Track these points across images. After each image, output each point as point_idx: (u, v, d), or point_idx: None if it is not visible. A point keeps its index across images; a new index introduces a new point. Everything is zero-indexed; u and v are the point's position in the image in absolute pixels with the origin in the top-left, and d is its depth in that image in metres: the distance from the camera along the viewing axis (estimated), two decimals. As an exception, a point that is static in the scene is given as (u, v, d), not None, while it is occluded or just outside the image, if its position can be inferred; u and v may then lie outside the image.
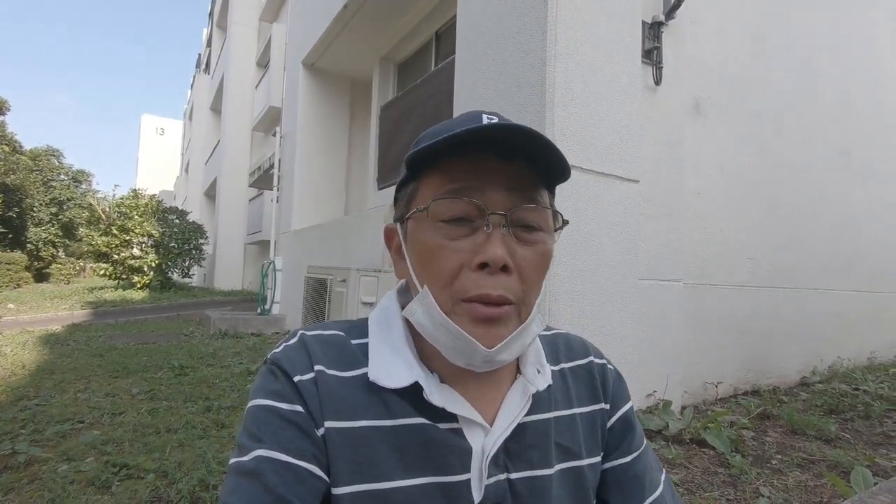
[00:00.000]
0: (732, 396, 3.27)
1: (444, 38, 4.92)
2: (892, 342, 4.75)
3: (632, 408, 0.68)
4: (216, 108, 16.36)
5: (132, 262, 10.97)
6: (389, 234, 0.61)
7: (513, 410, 0.56)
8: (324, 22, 5.71)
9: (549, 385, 0.60)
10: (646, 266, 2.70)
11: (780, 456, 2.19)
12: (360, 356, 0.56)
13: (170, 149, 46.00)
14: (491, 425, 0.55)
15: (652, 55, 2.83)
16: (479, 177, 0.51)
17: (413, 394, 0.53)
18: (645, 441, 0.67)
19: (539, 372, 0.59)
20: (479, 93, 2.75)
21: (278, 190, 7.04)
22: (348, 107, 6.99)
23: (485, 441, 0.54)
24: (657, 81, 2.85)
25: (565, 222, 0.55)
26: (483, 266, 0.49)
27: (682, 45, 3.03)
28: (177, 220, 11.82)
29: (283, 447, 0.49)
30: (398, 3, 5.03)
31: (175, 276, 12.11)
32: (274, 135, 7.41)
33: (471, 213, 0.50)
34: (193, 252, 11.70)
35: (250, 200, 12.91)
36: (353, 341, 0.57)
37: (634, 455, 0.64)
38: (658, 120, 2.87)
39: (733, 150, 3.49)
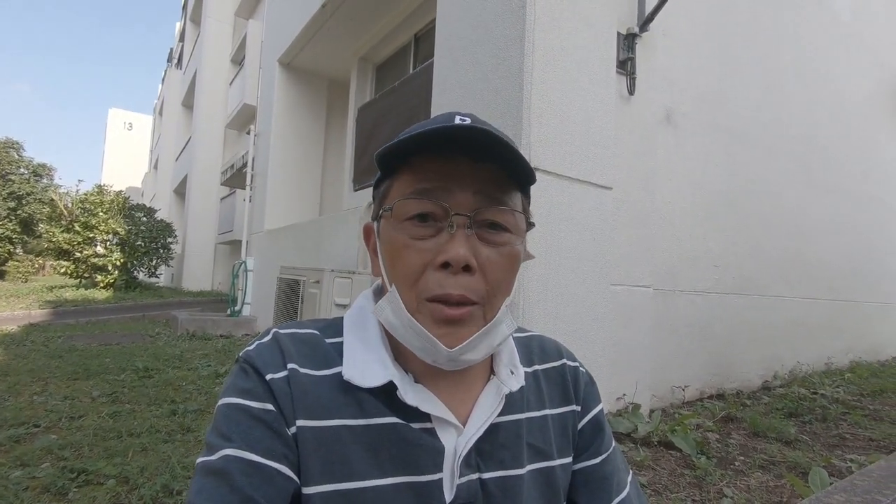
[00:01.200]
0: (699, 400, 3.36)
1: (424, 41, 4.93)
2: (847, 348, 4.97)
3: (602, 410, 0.69)
4: (188, 104, 15.97)
5: (95, 260, 10.58)
6: (367, 233, 0.60)
7: (486, 411, 0.57)
8: (301, 20, 5.65)
9: (522, 386, 0.60)
10: (618, 272, 2.75)
11: (742, 457, 2.25)
12: (335, 355, 0.55)
13: (138, 144, 44.66)
14: (464, 425, 0.55)
15: (626, 66, 2.90)
16: (447, 177, 0.51)
17: (387, 393, 0.53)
18: (614, 443, 0.68)
19: (512, 373, 0.60)
20: (457, 97, 2.76)
21: (251, 189, 6.91)
22: (325, 107, 6.92)
23: (457, 441, 0.54)
24: (631, 91, 2.92)
25: (531, 224, 0.56)
26: (445, 266, 0.49)
27: (654, 57, 3.12)
28: (144, 218, 11.45)
29: (252, 446, 0.48)
30: (377, 4, 5.02)
31: (141, 276, 11.73)
32: (248, 133, 7.27)
33: (437, 214, 0.51)
34: (161, 251, 11.36)
35: (222, 199, 12.63)
36: (328, 340, 0.57)
37: (603, 457, 0.65)
38: (631, 129, 2.94)
39: (702, 161, 3.60)
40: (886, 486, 1.60)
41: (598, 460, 0.65)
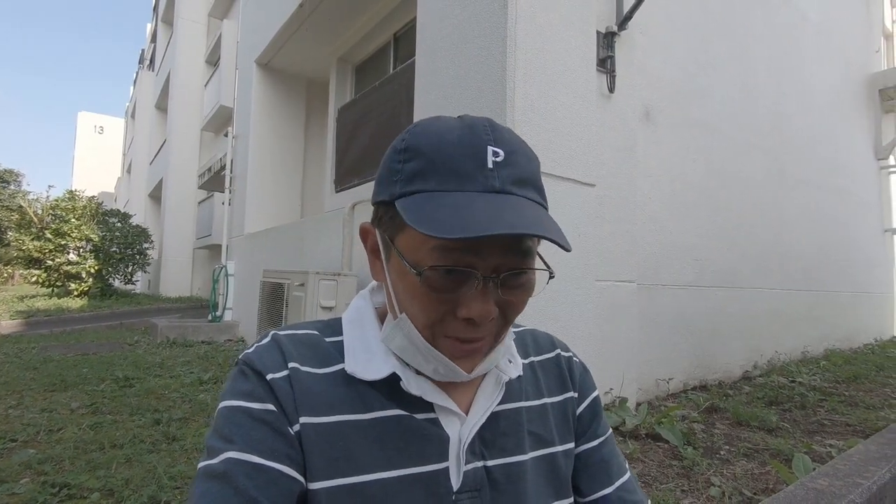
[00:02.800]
0: (683, 392, 3.42)
1: (403, 41, 4.91)
2: (822, 337, 5.12)
3: (598, 397, 0.71)
4: (162, 106, 15.62)
5: (68, 268, 10.28)
6: (365, 233, 0.59)
7: (486, 399, 0.59)
8: (278, 20, 5.57)
9: (521, 377, 0.63)
10: (602, 267, 2.78)
11: (727, 447, 2.30)
12: (335, 353, 0.56)
13: (110, 148, 43.49)
14: (466, 414, 0.57)
15: (606, 64, 2.93)
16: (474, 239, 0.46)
17: (389, 386, 0.54)
18: (609, 429, 0.71)
19: (511, 362, 0.62)
20: (440, 97, 2.76)
21: (230, 192, 6.80)
22: (304, 108, 6.84)
23: (461, 430, 0.56)
24: (611, 89, 2.96)
25: (552, 276, 0.53)
26: (468, 319, 0.49)
27: (632, 55, 3.16)
28: (118, 224, 11.18)
29: (255, 448, 0.48)
30: (355, 3, 4.98)
31: (117, 283, 11.45)
32: (226, 135, 7.15)
33: (461, 264, 0.48)
34: (137, 257, 11.10)
35: (199, 203, 12.39)
36: (328, 339, 0.58)
37: (601, 440, 0.68)
38: (612, 126, 2.97)
39: (680, 157, 3.67)
40: (866, 468, 1.65)
41: (595, 443, 0.67)
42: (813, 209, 5.16)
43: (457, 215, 0.44)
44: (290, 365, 0.53)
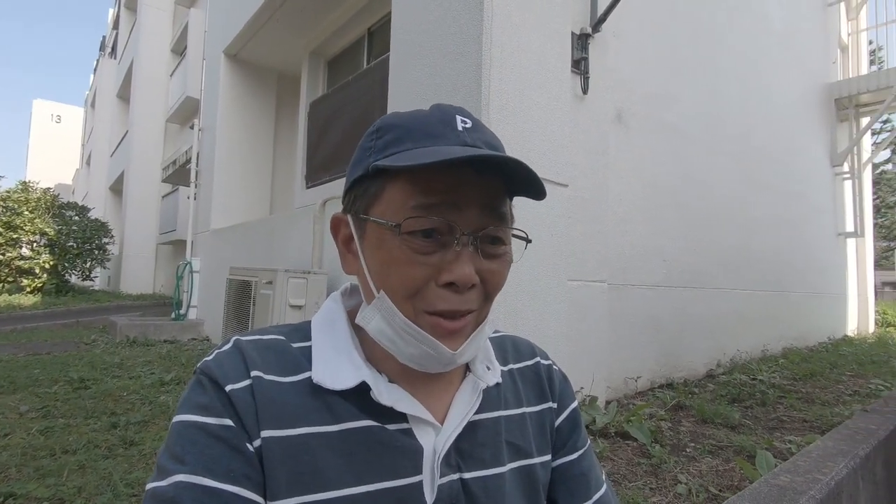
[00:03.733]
0: (650, 390, 3.49)
1: (377, 36, 4.85)
2: (780, 336, 5.31)
3: (577, 408, 0.70)
4: (124, 95, 15.02)
5: (21, 263, 9.79)
6: (337, 225, 0.58)
7: (463, 408, 0.56)
8: (248, 11, 5.42)
9: (499, 384, 0.61)
10: (574, 267, 2.80)
11: (693, 444, 2.35)
12: (302, 360, 0.53)
13: (68, 139, 41.59)
14: (441, 424, 0.54)
15: (580, 65, 2.95)
16: (453, 192, 0.49)
17: (359, 395, 0.51)
18: (588, 441, 0.69)
19: (489, 369, 0.60)
20: (414, 94, 2.72)
21: (196, 186, 6.58)
22: (274, 101, 6.69)
23: (436, 440, 0.53)
24: (584, 91, 2.98)
25: (528, 241, 0.55)
26: (450, 284, 0.49)
27: (605, 58, 3.19)
28: (76, 217, 10.71)
29: (208, 469, 0.45)
30: (329, -4, 4.89)
31: (74, 279, 10.97)
32: (192, 127, 6.92)
33: (441, 228, 0.49)
34: (96, 252, 10.65)
35: (163, 197, 11.99)
36: (295, 345, 0.55)
37: (580, 453, 0.66)
38: (585, 128, 3.00)
39: (650, 159, 3.74)
40: (824, 465, 1.71)
41: (574, 456, 0.65)
42: (773, 213, 5.34)
43: (435, 152, 0.47)
44: (253, 374, 0.50)
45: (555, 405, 0.66)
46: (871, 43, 9.06)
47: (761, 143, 5.19)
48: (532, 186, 0.52)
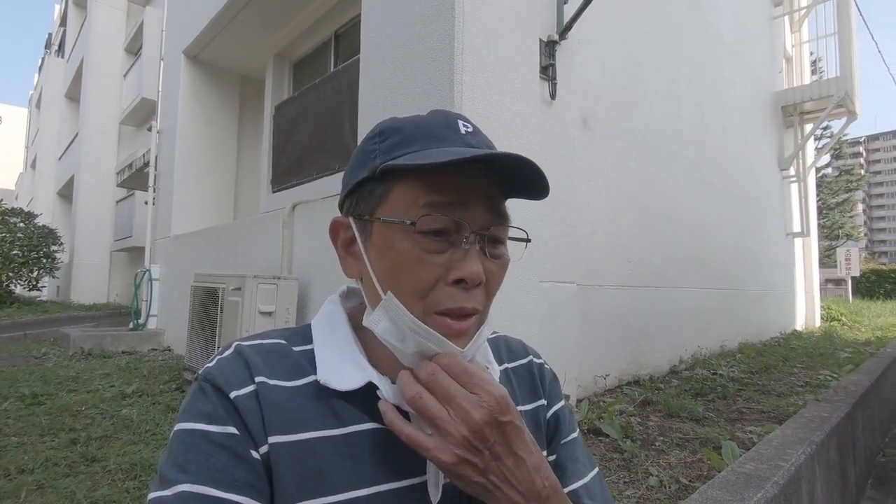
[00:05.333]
0: (618, 387, 3.59)
1: (345, 39, 4.81)
2: (737, 332, 5.56)
3: (564, 406, 0.71)
4: (73, 95, 14.31)
5: (-41, 273, 9.16)
6: (336, 228, 0.58)
7: None
8: (210, 11, 5.28)
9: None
10: (546, 269, 2.86)
11: (662, 437, 2.44)
12: (305, 364, 0.53)
13: (9, 141, 39.25)
14: None
15: (548, 71, 3.02)
16: (461, 191, 0.50)
17: (363, 398, 0.52)
18: (573, 435, 0.69)
19: (487, 368, 0.60)
20: (386, 97, 2.73)
21: (155, 191, 6.34)
22: (237, 103, 6.53)
23: None
24: (552, 96, 3.05)
25: (528, 241, 0.57)
26: (459, 281, 0.50)
27: (571, 65, 3.28)
28: (21, 224, 10.10)
29: (212, 478, 0.45)
30: (294, -2, 4.82)
31: (19, 290, 10.35)
32: (149, 129, 6.67)
33: (449, 228, 0.50)
34: (44, 261, 10.08)
35: (118, 202, 11.48)
36: (296, 349, 0.55)
37: (570, 438, 0.68)
38: (554, 132, 3.07)
39: (614, 163, 3.86)
40: (784, 452, 1.80)
41: (563, 441, 0.67)
42: (727, 214, 5.60)
43: (446, 152, 0.49)
44: (258, 379, 0.50)
45: (545, 402, 0.68)
46: (812, 54, 9.65)
47: (715, 148, 5.44)
48: (535, 187, 0.54)
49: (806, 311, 7.94)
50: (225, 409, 0.48)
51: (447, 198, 0.50)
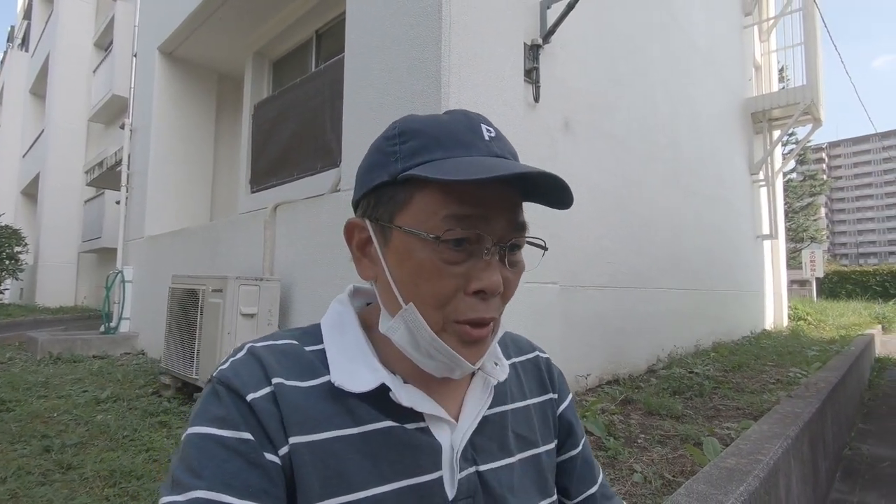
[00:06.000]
0: (598, 386, 3.65)
1: (326, 39, 4.78)
2: (710, 331, 5.72)
3: (573, 402, 0.74)
4: (38, 91, 13.80)
5: (-86, 275, 8.72)
6: (351, 229, 0.57)
7: (476, 404, 0.58)
8: (186, 7, 5.17)
9: (506, 378, 0.63)
10: (530, 270, 2.89)
11: (643, 435, 2.49)
12: (318, 364, 0.53)
13: (-32, 137, 37.55)
14: (456, 421, 0.56)
15: (531, 74, 3.06)
16: (485, 203, 0.50)
17: (377, 397, 0.52)
18: (584, 436, 0.73)
19: (497, 365, 0.62)
20: (372, 97, 2.72)
21: (127, 190, 6.17)
22: (215, 102, 6.40)
23: (452, 437, 0.55)
24: (536, 99, 3.09)
25: (545, 249, 0.57)
26: (479, 292, 0.50)
27: (554, 68, 3.33)
28: (-18, 224, 9.70)
29: (227, 484, 0.44)
30: (274, -4, 4.77)
31: (-21, 292, 9.92)
32: (121, 127, 6.48)
33: (470, 238, 0.50)
34: (6, 262, 9.68)
35: (86, 202, 11.10)
36: (308, 349, 0.55)
37: (583, 441, 0.71)
38: (537, 135, 3.11)
39: (595, 166, 3.93)
40: (762, 446, 1.87)
41: (580, 446, 0.70)
42: (701, 217, 5.76)
43: (474, 166, 0.48)
44: (275, 381, 0.50)
45: (555, 396, 0.70)
46: (779, 63, 10.01)
47: (689, 152, 5.58)
48: (558, 201, 0.55)
49: (774, 310, 8.21)
50: (240, 413, 0.47)
51: (470, 210, 0.49)
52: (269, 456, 0.47)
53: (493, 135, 0.54)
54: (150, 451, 2.28)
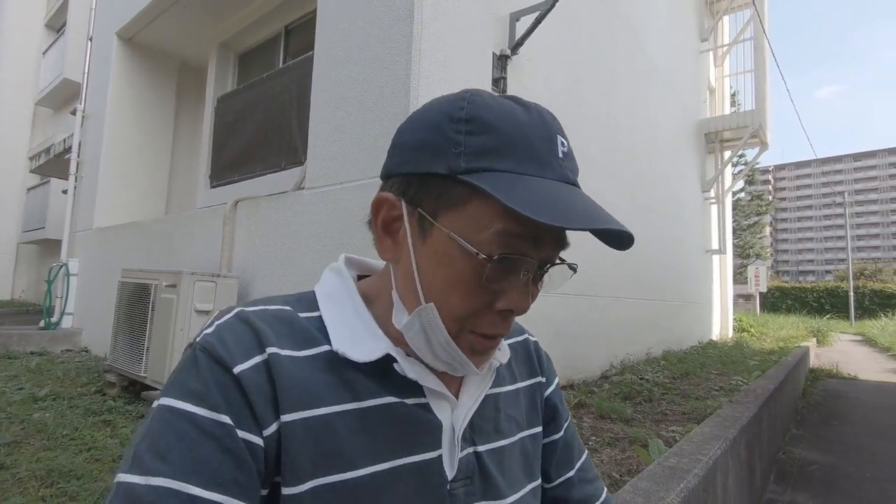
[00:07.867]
0: (554, 391, 3.73)
1: (295, 35, 4.72)
2: (660, 340, 5.95)
3: (558, 385, 0.73)
4: (-21, 70, 12.95)
5: None
6: (380, 204, 0.51)
7: (477, 383, 0.57)
8: (149, -8, 5.00)
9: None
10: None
11: (595, 437, 2.58)
12: (314, 332, 0.50)
13: None
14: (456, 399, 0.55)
15: (499, 84, 3.14)
16: (539, 227, 0.44)
17: (378, 370, 0.50)
18: (569, 413, 0.73)
19: (499, 349, 0.60)
20: (339, 96, 2.72)
21: (77, 179, 5.87)
22: (174, 92, 6.19)
23: (454, 415, 0.53)
24: (503, 109, 3.16)
25: (575, 271, 0.55)
26: (506, 311, 0.49)
27: (521, 80, 3.42)
28: None
29: (195, 471, 0.40)
30: (244, -11, 4.68)
31: None
32: (73, 113, 6.17)
33: (519, 253, 0.47)
34: (-65, 251, 9.02)
35: (29, 190, 10.49)
36: (303, 315, 0.51)
37: (566, 424, 0.70)
38: (503, 143, 3.17)
39: (558, 177, 4.03)
40: (703, 447, 1.97)
41: (562, 430, 0.69)
42: (655, 231, 6.00)
43: (552, 201, 0.44)
44: (269, 350, 0.45)
45: (543, 379, 0.69)
46: (731, 88, 10.58)
47: (646, 168, 5.82)
48: (620, 242, 0.52)
49: (721, 322, 8.62)
50: (220, 390, 0.42)
51: (524, 230, 0.45)
52: (250, 437, 0.42)
53: (566, 150, 0.50)
54: (91, 451, 2.18)
